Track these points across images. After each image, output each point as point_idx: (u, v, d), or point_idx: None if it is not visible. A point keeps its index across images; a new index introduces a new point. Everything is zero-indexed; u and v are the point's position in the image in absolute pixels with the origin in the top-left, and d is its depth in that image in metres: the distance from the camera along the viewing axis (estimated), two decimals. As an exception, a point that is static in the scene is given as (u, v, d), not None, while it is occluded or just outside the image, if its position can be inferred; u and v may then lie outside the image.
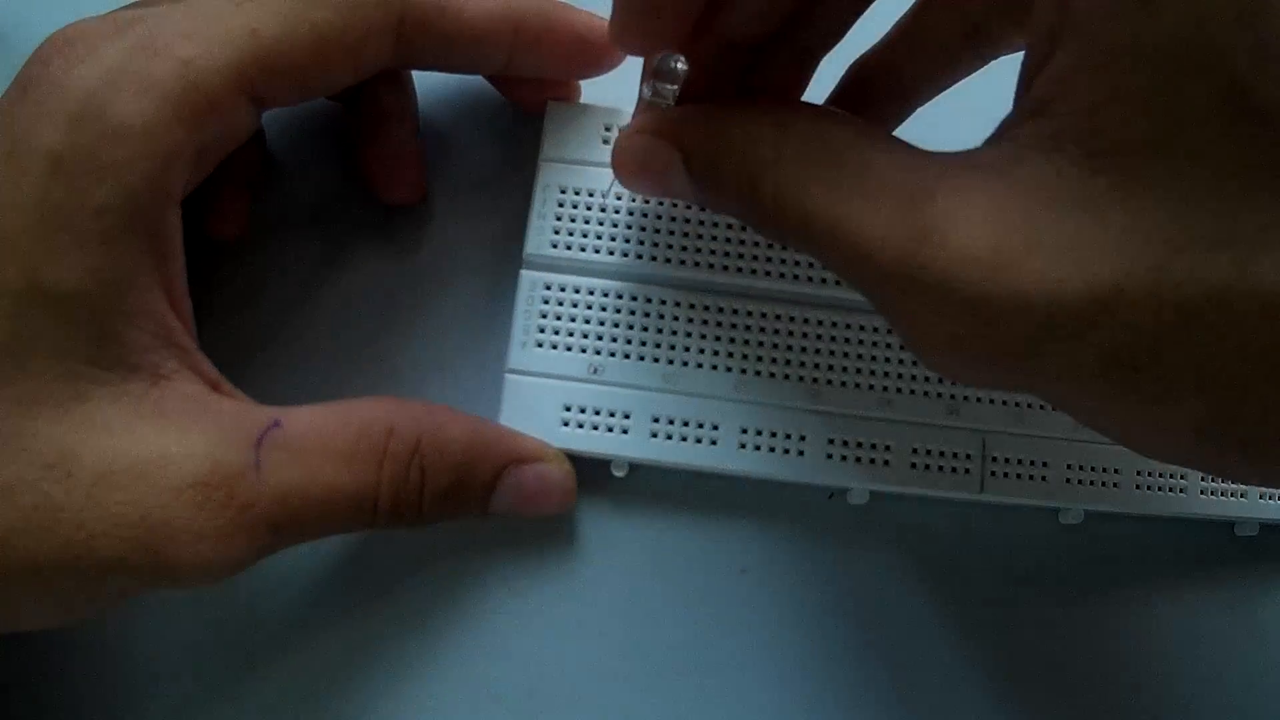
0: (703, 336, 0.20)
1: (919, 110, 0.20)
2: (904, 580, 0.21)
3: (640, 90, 0.18)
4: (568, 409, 0.20)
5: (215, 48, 0.16)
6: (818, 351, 0.21)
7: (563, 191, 0.21)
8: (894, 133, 0.20)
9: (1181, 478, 0.21)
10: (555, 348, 0.20)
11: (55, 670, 0.20)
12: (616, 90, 0.21)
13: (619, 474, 0.20)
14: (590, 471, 0.20)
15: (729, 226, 0.21)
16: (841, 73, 0.20)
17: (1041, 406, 0.21)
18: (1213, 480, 0.21)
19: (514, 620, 0.20)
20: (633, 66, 0.21)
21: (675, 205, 0.21)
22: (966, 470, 0.21)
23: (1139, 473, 0.21)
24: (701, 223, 0.21)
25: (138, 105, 0.16)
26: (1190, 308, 0.12)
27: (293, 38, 0.17)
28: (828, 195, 0.15)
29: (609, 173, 0.21)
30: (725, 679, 0.20)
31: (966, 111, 0.19)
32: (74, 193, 0.15)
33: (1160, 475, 0.21)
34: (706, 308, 0.21)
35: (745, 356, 0.20)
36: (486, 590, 0.21)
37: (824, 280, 0.21)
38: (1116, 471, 0.21)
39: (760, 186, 0.16)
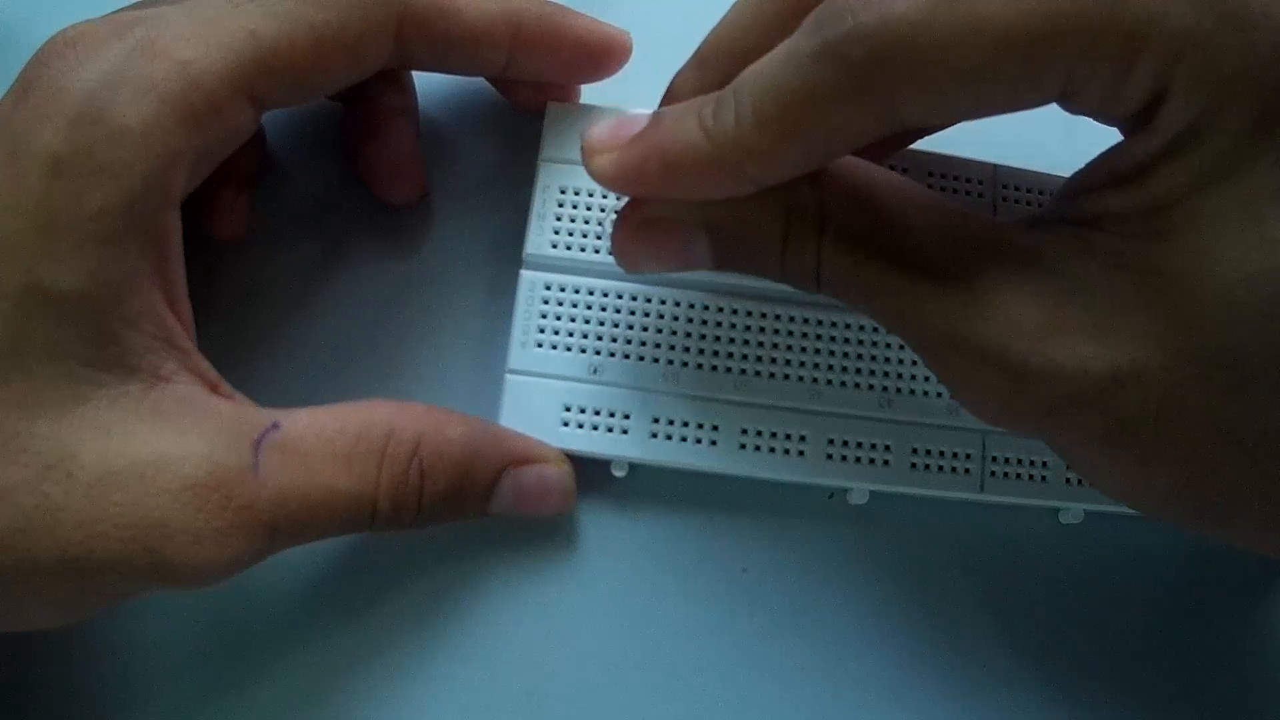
0: (702, 337, 0.20)
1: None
2: (904, 579, 0.21)
3: None
4: (568, 409, 0.20)
5: (214, 50, 0.16)
6: (818, 351, 0.21)
7: (562, 192, 0.21)
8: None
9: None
10: (555, 348, 0.20)
11: (55, 671, 0.20)
12: (617, 91, 0.21)
13: (619, 474, 0.20)
14: (590, 471, 0.20)
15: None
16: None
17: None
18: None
19: (514, 620, 0.20)
20: (633, 69, 0.21)
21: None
22: (966, 470, 0.21)
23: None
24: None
25: (137, 107, 0.16)
26: (1184, 403, 0.14)
27: (291, 39, 0.17)
28: (873, 262, 0.16)
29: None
30: (726, 678, 0.20)
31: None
32: (73, 195, 0.15)
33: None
34: (706, 307, 0.21)
35: (745, 357, 0.20)
36: (486, 590, 0.21)
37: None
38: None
39: (802, 254, 0.16)
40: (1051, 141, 0.21)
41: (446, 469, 0.18)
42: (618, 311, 0.20)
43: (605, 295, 0.20)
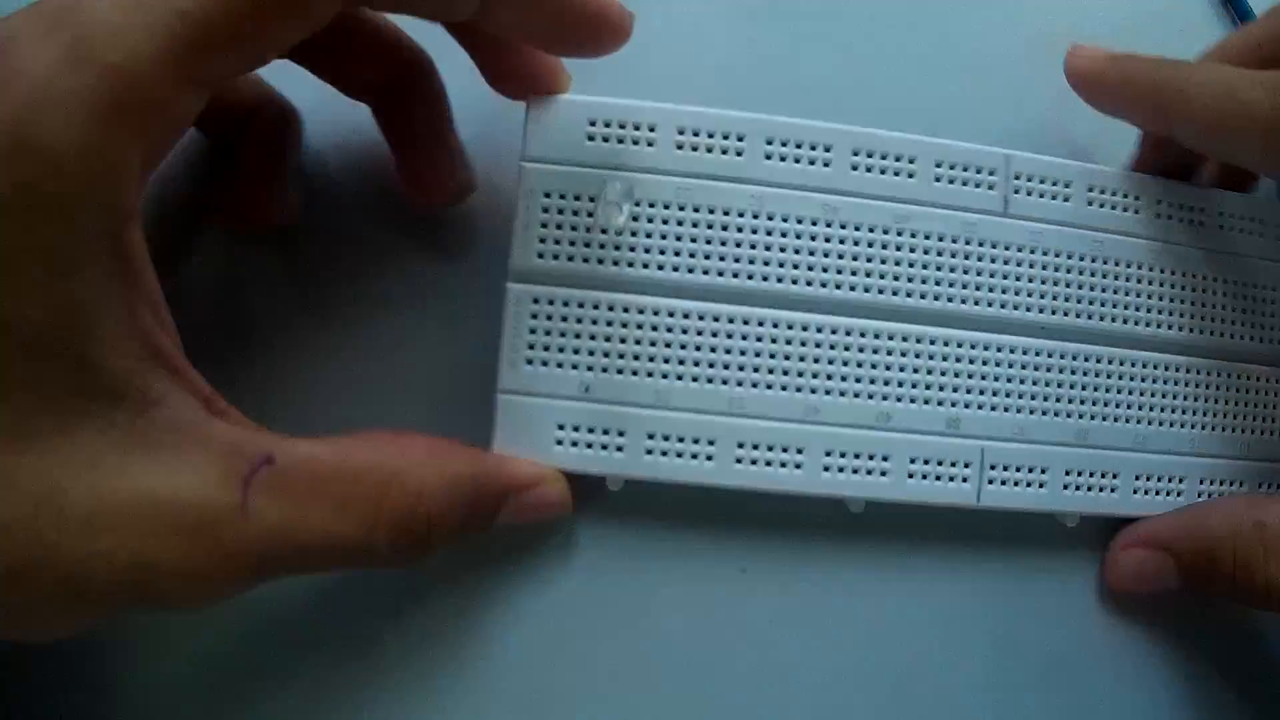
0: (697, 349, 0.20)
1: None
2: (903, 580, 0.21)
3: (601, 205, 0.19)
4: (561, 428, 0.19)
5: (145, 43, 0.15)
6: (816, 360, 0.20)
7: (547, 196, 0.20)
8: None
9: (1180, 481, 0.21)
10: (546, 365, 0.20)
11: (53, 682, 0.20)
12: (608, 83, 0.20)
13: (614, 489, 0.20)
14: (586, 481, 0.20)
15: (724, 228, 0.20)
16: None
17: (1042, 413, 0.21)
18: (1210, 484, 0.21)
19: (514, 623, 0.21)
20: (631, 62, 0.19)
21: (669, 207, 0.20)
22: (964, 479, 0.20)
23: (1137, 477, 0.21)
24: (695, 224, 0.20)
25: (72, 131, 0.14)
26: None
27: (227, 9, 0.15)
28: None
29: (602, 176, 0.20)
30: (725, 680, 0.21)
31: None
32: (22, 233, 0.14)
33: (1158, 480, 0.21)
34: (701, 318, 0.20)
35: (741, 368, 0.20)
36: (486, 596, 0.21)
37: (823, 285, 0.20)
38: (1115, 476, 0.21)
39: (1254, 577, 0.20)
40: (1063, 129, 0.21)
41: (456, 512, 0.18)
42: (609, 325, 0.20)
43: (596, 308, 0.20)
